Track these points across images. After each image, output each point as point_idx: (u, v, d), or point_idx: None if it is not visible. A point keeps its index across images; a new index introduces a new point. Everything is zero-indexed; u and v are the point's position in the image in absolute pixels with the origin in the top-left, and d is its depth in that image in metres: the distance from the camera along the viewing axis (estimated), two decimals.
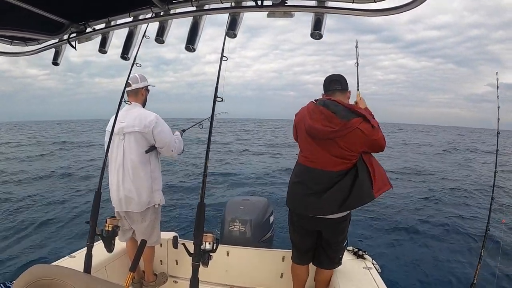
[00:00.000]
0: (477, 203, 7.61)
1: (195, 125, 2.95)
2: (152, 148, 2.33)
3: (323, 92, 2.04)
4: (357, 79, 2.31)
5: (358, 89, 2.24)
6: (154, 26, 1.42)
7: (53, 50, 1.63)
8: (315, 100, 2.00)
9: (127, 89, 2.32)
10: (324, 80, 2.03)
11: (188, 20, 1.35)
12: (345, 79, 2.01)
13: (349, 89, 2.02)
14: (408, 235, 5.47)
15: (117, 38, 1.57)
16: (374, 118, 1.91)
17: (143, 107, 2.46)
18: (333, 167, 1.86)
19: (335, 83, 1.97)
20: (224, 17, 1.29)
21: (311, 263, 2.18)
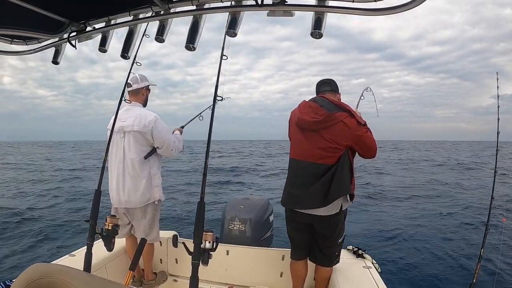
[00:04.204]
0: (477, 202, 7.61)
1: (195, 117, 2.92)
2: (151, 153, 2.36)
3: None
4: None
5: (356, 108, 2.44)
6: (154, 25, 1.42)
7: (53, 49, 1.63)
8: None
9: (128, 89, 2.35)
10: (316, 84, 2.17)
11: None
12: (335, 82, 2.14)
13: (339, 91, 2.14)
14: (408, 234, 5.47)
15: (117, 39, 1.57)
16: (366, 126, 1.97)
17: (144, 106, 2.50)
18: (318, 159, 1.93)
19: (325, 85, 2.13)
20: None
21: (309, 261, 2.18)
